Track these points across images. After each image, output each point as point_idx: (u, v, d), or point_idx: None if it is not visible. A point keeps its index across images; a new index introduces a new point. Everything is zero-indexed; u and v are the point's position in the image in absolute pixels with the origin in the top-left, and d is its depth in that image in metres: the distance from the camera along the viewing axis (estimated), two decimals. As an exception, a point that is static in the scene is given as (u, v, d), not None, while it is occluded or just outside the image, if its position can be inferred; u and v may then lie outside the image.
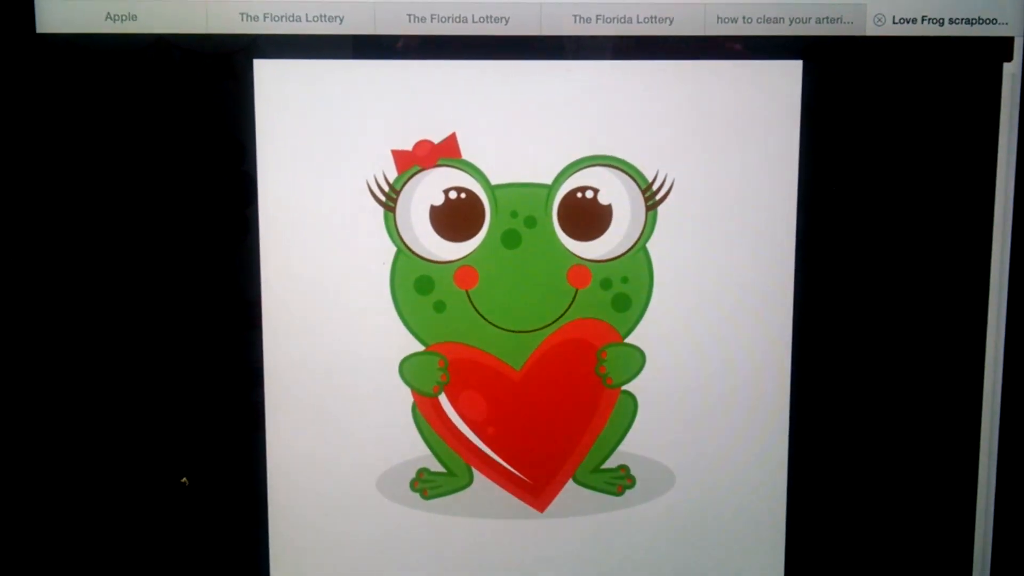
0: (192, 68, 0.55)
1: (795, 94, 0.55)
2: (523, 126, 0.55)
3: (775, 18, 0.55)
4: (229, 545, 0.60)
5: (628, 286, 0.57)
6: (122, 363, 0.58)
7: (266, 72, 0.54)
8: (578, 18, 0.54)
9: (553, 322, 0.57)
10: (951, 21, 0.56)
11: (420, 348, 0.57)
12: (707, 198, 0.56)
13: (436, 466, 0.59)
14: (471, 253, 0.56)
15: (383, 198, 0.55)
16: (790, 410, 0.59)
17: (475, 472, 0.59)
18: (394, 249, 0.56)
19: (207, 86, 0.55)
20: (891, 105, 0.58)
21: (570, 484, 0.59)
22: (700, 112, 0.55)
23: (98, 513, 0.60)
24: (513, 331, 0.57)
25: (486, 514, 0.59)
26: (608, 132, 0.55)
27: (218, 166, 0.56)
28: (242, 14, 0.53)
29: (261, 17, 0.53)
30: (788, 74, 0.55)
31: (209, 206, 0.56)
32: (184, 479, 0.59)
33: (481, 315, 0.57)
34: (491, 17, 0.54)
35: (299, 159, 0.55)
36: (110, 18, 0.55)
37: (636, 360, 0.58)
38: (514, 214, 0.55)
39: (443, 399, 0.58)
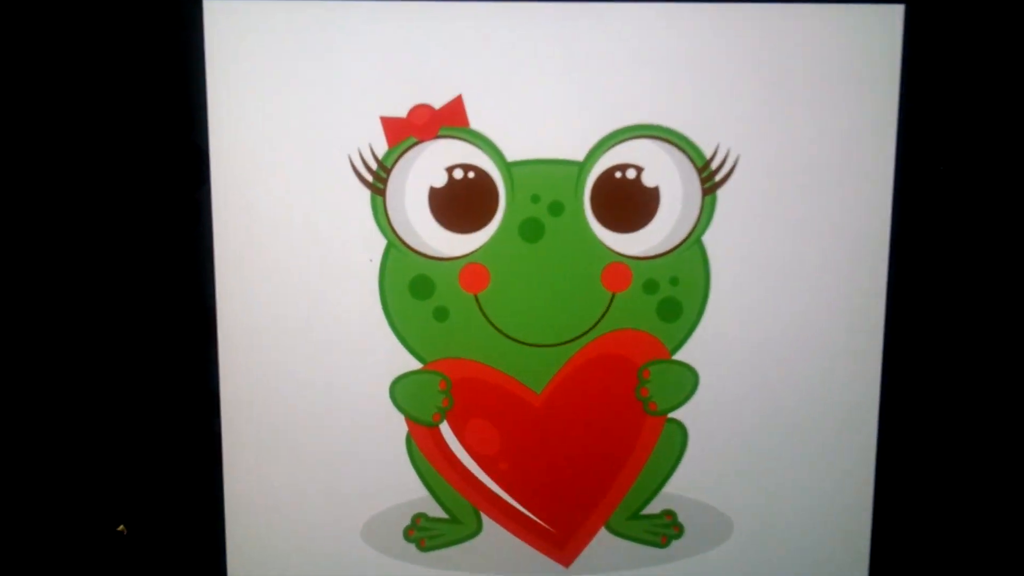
0: (125, 9, 0.50)
1: (895, 46, 0.50)
2: (547, 87, 0.50)
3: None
4: None
5: (678, 289, 0.52)
6: (33, 381, 0.53)
7: (219, 14, 0.49)
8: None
9: (583, 334, 0.52)
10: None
11: (417, 366, 0.53)
12: (780, 179, 0.51)
13: (436, 510, 0.54)
14: (481, 247, 0.52)
15: (370, 178, 0.51)
16: (878, 446, 0.54)
17: (484, 518, 0.55)
18: (384, 242, 0.51)
19: (144, 32, 0.50)
20: (1012, 62, 0.52)
21: (602, 533, 0.55)
22: (773, 71, 0.50)
23: (26, 564, 0.55)
24: (533, 345, 0.53)
25: (498, 569, 0.55)
26: (656, 95, 0.50)
27: (160, 137, 0.51)
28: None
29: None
30: (886, 20, 0.50)
31: (150, 187, 0.52)
32: (121, 527, 0.54)
33: (493, 325, 0.52)
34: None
35: (262, 129, 0.50)
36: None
37: (687, 381, 0.53)
38: (535, 198, 0.51)
39: (445, 428, 0.54)
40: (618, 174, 0.50)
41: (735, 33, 0.49)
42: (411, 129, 0.50)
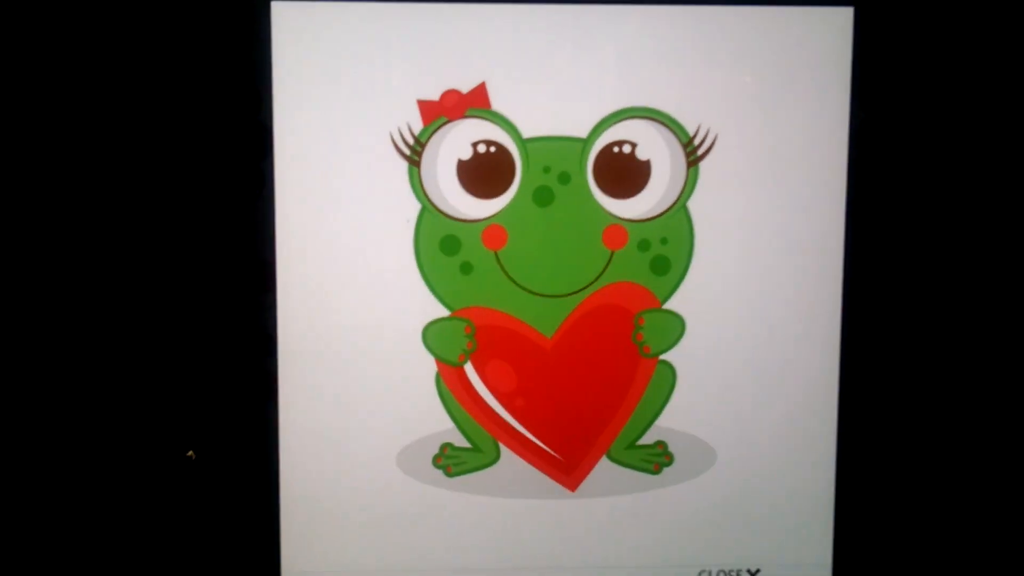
0: (205, 10, 0.54)
1: (846, 44, 0.54)
2: (557, 75, 0.54)
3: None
4: (238, 524, 0.58)
5: (667, 248, 0.55)
6: (121, 331, 0.56)
7: (284, 15, 0.53)
8: (617, -41, 0.53)
9: (587, 286, 0.56)
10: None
11: (445, 313, 0.56)
12: (752, 154, 0.55)
13: (461, 441, 0.57)
14: (500, 211, 0.55)
15: (407, 151, 0.54)
16: (840, 382, 0.57)
17: (502, 448, 0.57)
18: (418, 206, 0.55)
19: (221, 29, 0.54)
20: (951, 56, 0.56)
21: (604, 461, 0.57)
22: (746, 62, 0.54)
23: (103, 488, 0.57)
24: (544, 295, 0.56)
25: (514, 493, 0.57)
26: (647, 82, 0.54)
27: (231, 116, 0.54)
28: (259, -48, 0.53)
29: (279, -45, 0.53)
30: (838, 22, 0.54)
31: (221, 158, 0.55)
32: (191, 452, 0.57)
33: (510, 278, 0.55)
34: (525, -43, 0.53)
35: (318, 109, 0.53)
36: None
37: (675, 327, 0.56)
38: (547, 169, 0.54)
39: (469, 369, 0.56)
40: (616, 149, 0.54)
41: (714, 31, 0.53)
42: (442, 110, 0.53)
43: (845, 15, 0.54)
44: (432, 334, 0.56)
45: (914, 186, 0.57)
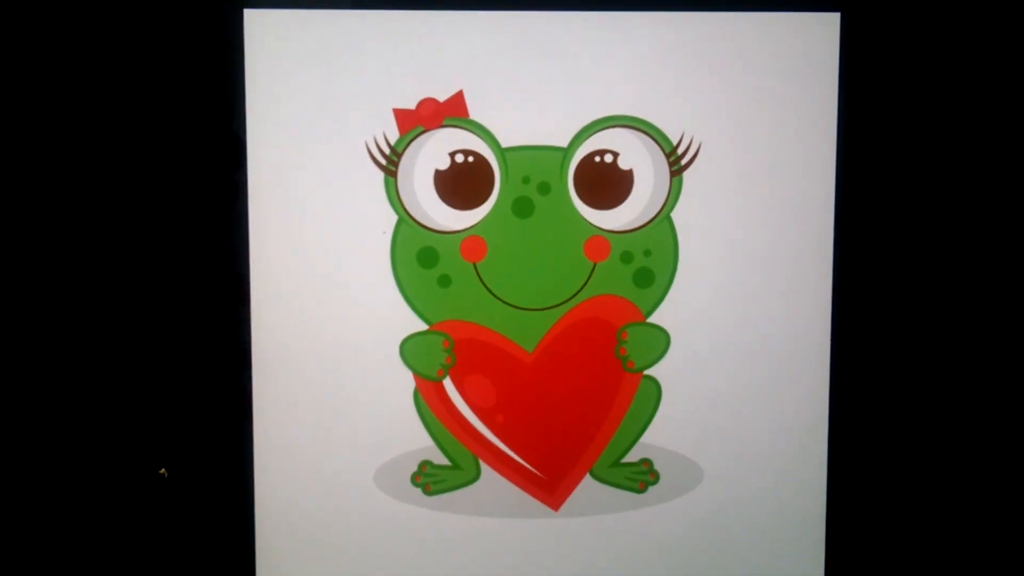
0: (175, 17, 0.53)
1: (833, 49, 0.54)
2: (536, 84, 0.53)
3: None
4: (212, 543, 0.57)
5: (651, 260, 0.55)
6: (91, 344, 0.56)
7: (257, 22, 0.53)
8: (597, -36, 0.53)
9: (569, 299, 0.55)
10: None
11: (423, 327, 0.55)
12: (737, 162, 0.54)
13: (440, 458, 0.56)
14: (479, 222, 0.54)
15: (383, 161, 0.53)
16: (830, 399, 0.56)
17: (483, 465, 0.57)
18: (395, 217, 0.54)
19: (192, 37, 0.53)
20: (939, 61, 0.55)
21: (587, 480, 0.57)
22: (731, 69, 0.53)
23: (76, 506, 0.57)
24: (525, 308, 0.55)
25: (495, 512, 0.57)
26: (629, 90, 0.53)
27: (203, 126, 0.54)
28: (231, -41, 0.52)
29: (252, -38, 0.52)
30: (825, 27, 0.54)
31: (193, 169, 0.54)
32: (163, 470, 0.56)
33: (490, 290, 0.55)
34: (501, -37, 0.53)
35: (292, 119, 0.53)
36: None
37: (660, 341, 0.56)
38: (526, 180, 0.54)
39: (448, 384, 0.56)
40: (597, 158, 0.53)
41: (697, 37, 0.53)
42: (419, 119, 0.53)
43: (832, 21, 0.53)
44: (410, 348, 0.55)
45: (905, 195, 0.56)
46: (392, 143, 0.53)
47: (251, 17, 0.52)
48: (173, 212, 0.54)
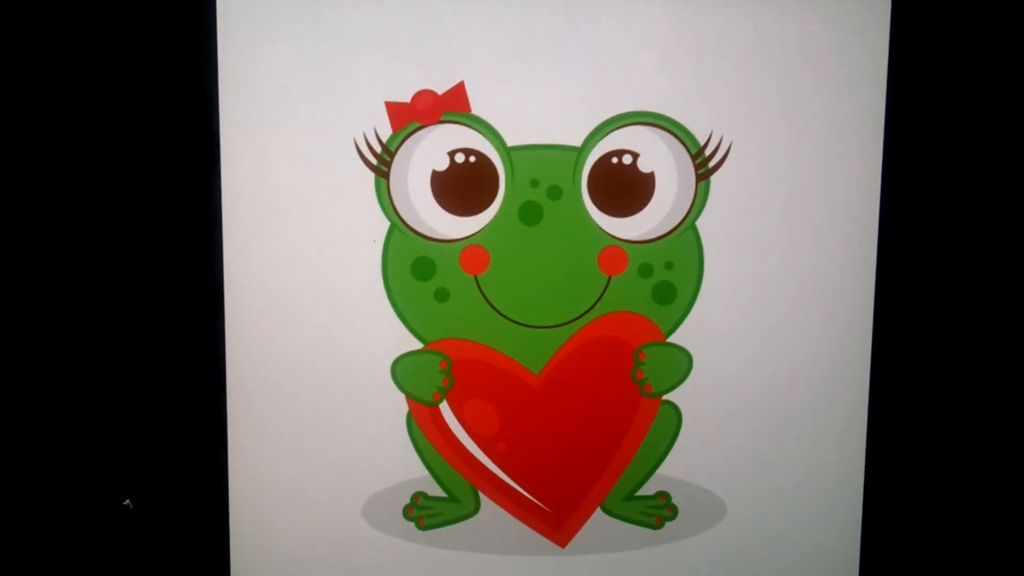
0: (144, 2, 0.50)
1: (882, 38, 0.50)
2: (547, 75, 0.50)
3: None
4: None
5: (673, 273, 0.52)
6: (44, 365, 0.53)
7: (231, 4, 0.49)
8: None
9: (580, 316, 0.52)
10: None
11: (418, 346, 0.52)
12: (770, 166, 0.51)
13: (435, 490, 0.54)
14: (481, 230, 0.52)
15: (375, 161, 0.51)
16: (868, 430, 0.54)
17: (482, 498, 0.54)
18: (387, 224, 0.51)
19: (159, 22, 0.50)
20: (1001, 50, 0.52)
21: (598, 514, 0.55)
22: (766, 60, 0.50)
23: (40, 539, 0.54)
24: (531, 326, 0.52)
25: (495, 549, 0.55)
26: (651, 84, 0.50)
27: (172, 120, 0.51)
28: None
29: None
30: (874, 13, 0.50)
31: (163, 169, 0.52)
32: (127, 501, 0.54)
33: (492, 306, 0.52)
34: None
35: (271, 113, 0.50)
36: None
37: (681, 363, 0.53)
38: (534, 183, 0.51)
39: (445, 408, 0.53)
40: (615, 160, 0.50)
41: (729, 24, 0.50)
42: (414, 114, 0.50)
43: (882, 6, 0.50)
44: (403, 369, 0.53)
45: (958, 204, 0.53)
46: (384, 140, 0.50)
47: (225, -2, 0.49)
48: (139, 216, 0.52)
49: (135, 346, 0.52)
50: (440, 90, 0.50)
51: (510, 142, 0.50)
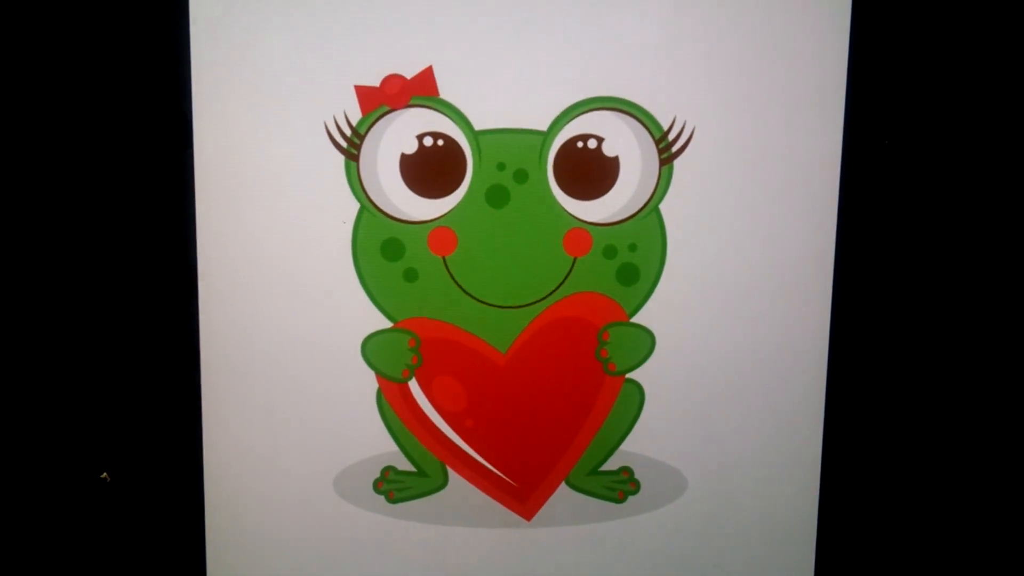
0: None
1: (843, 27, 0.50)
2: (513, 60, 0.50)
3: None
4: (160, 553, 0.55)
5: (636, 255, 0.52)
6: (27, 340, 0.53)
7: None
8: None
9: (546, 296, 0.52)
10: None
11: (387, 324, 0.53)
12: (733, 151, 0.51)
13: (404, 464, 0.54)
14: (449, 212, 0.51)
15: (344, 144, 0.51)
16: (826, 407, 0.54)
17: (450, 472, 0.55)
18: (357, 206, 0.51)
19: (130, 4, 0.50)
20: (963, 44, 0.52)
21: (563, 488, 0.55)
22: (728, 47, 0.50)
23: (17, 510, 0.55)
24: (498, 306, 0.53)
25: (463, 522, 0.55)
26: (615, 69, 0.50)
27: (145, 102, 0.51)
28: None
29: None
30: (835, 2, 0.50)
31: (136, 151, 0.51)
32: (104, 474, 0.54)
33: (460, 286, 0.52)
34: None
35: (242, 95, 0.50)
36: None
37: (644, 343, 0.53)
38: (501, 166, 0.51)
39: (413, 385, 0.54)
40: (580, 144, 0.50)
41: (693, 10, 0.49)
42: (383, 98, 0.50)
43: None
44: (373, 347, 0.53)
45: (916, 189, 0.53)
46: (354, 124, 0.50)
47: (196, -18, 0.49)
48: (112, 199, 0.52)
49: (112, 325, 0.53)
50: (409, 74, 0.50)
51: (478, 126, 0.50)
